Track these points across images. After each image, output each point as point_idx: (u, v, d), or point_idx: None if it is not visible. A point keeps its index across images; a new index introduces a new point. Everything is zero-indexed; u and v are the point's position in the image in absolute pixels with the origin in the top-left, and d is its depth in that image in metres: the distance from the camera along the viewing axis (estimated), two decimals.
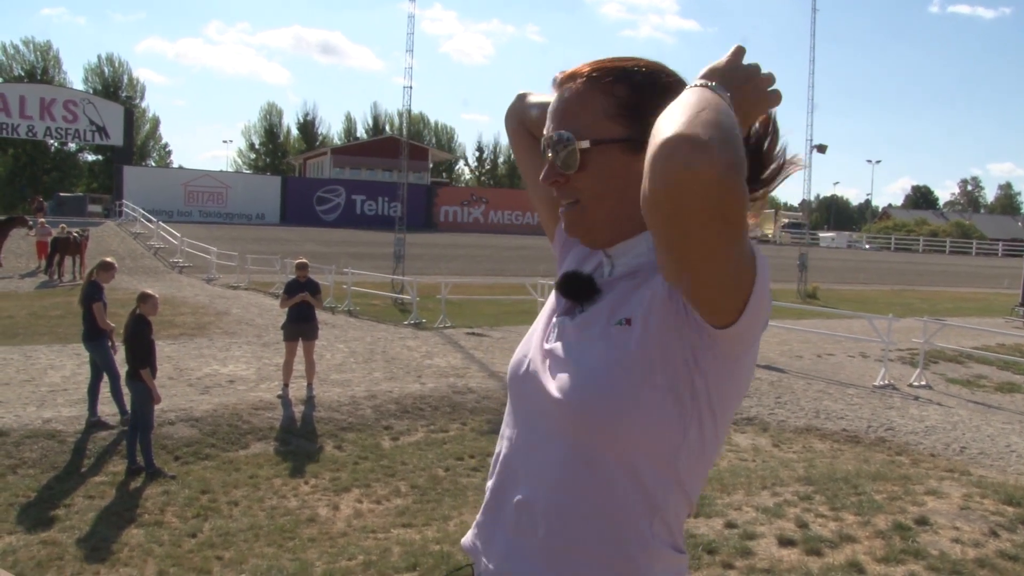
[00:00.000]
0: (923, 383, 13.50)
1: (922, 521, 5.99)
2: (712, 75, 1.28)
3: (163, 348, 12.51)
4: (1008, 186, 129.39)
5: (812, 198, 63.25)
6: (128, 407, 8.84)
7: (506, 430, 1.52)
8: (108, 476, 7.94)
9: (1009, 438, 10.45)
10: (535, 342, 1.50)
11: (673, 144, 1.08)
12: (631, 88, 1.38)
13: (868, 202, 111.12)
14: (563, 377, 1.36)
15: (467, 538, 1.56)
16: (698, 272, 1.18)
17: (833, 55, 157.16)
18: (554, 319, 1.49)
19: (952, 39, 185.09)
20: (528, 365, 1.48)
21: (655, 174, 1.09)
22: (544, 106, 1.63)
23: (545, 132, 1.44)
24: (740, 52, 1.33)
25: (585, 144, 1.36)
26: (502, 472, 1.49)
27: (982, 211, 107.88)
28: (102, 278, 9.33)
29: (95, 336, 9.11)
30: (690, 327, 1.28)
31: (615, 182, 1.38)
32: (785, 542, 5.63)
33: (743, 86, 1.29)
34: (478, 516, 1.55)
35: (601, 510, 1.34)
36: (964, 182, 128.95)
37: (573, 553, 1.36)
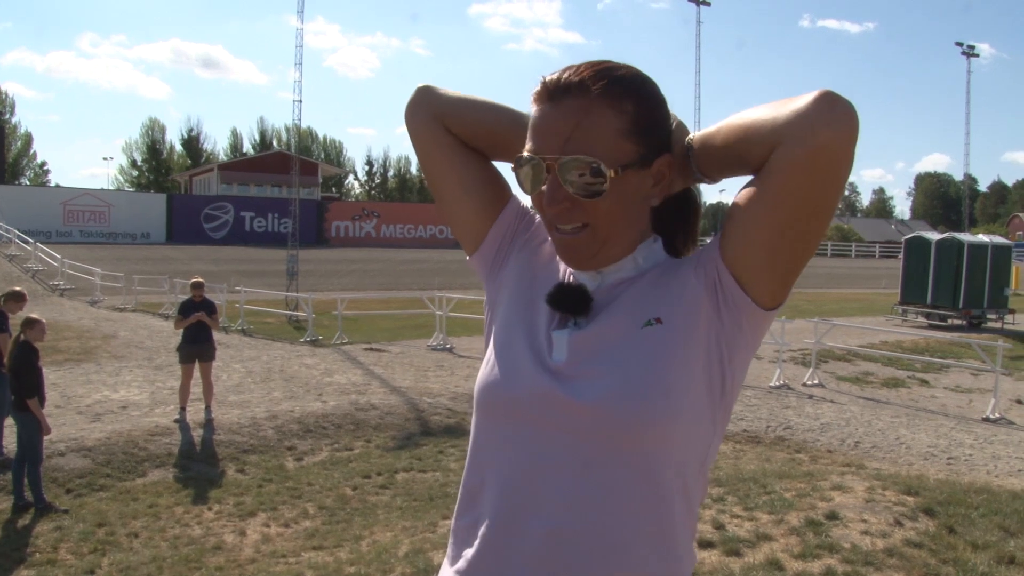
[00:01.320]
0: (816, 382, 13.95)
1: (832, 516, 6.13)
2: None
3: (48, 375, 11.83)
4: (881, 191, 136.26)
5: (701, 204, 64.61)
6: (4, 444, 8.38)
7: (493, 457, 1.38)
8: None
9: (898, 431, 10.88)
10: (526, 358, 1.36)
11: (834, 97, 1.17)
12: (638, 103, 1.32)
13: None
14: (602, 389, 1.28)
15: None
16: (807, 246, 1.27)
17: (714, 67, 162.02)
18: (551, 332, 1.38)
19: (822, 52, 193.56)
20: (529, 384, 1.33)
21: (819, 127, 1.15)
22: (490, 107, 1.55)
23: (534, 149, 1.32)
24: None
25: (612, 173, 1.28)
26: (504, 503, 1.34)
27: (859, 215, 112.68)
28: (9, 308, 8.82)
29: None
30: (729, 323, 1.31)
31: (630, 204, 1.34)
32: (704, 544, 5.67)
33: None
34: (467, 557, 1.37)
35: (656, 522, 1.30)
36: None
37: (630, 573, 1.29)
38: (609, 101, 1.29)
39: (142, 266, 30.81)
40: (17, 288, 9.32)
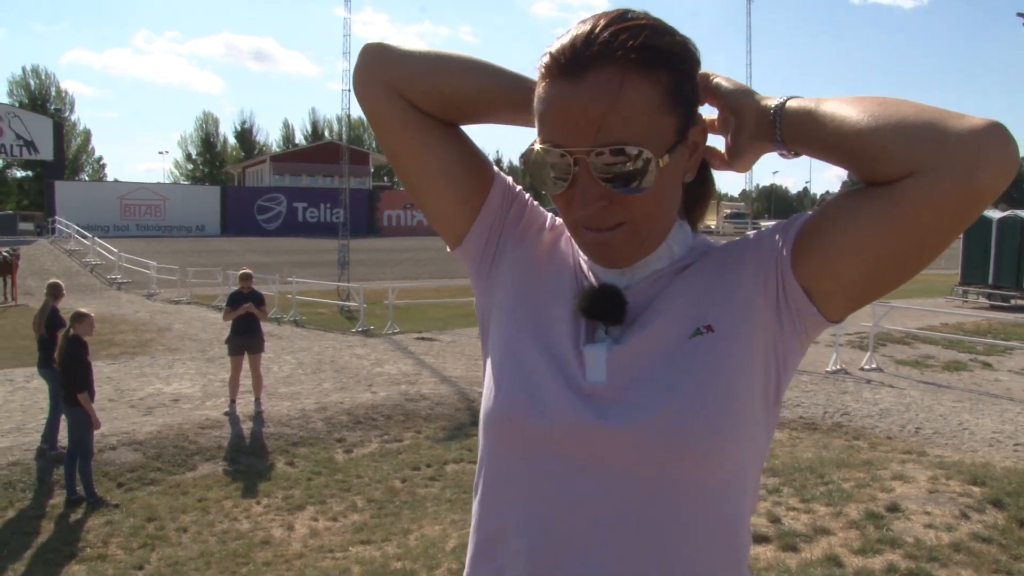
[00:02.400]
0: (874, 366, 13.60)
1: (893, 508, 5.91)
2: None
3: (102, 368, 12.09)
4: None
5: (752, 188, 64.06)
6: (58, 440, 8.47)
7: (518, 496, 1.17)
8: (45, 509, 7.53)
9: (961, 416, 10.52)
10: (552, 379, 1.15)
11: (1007, 135, 0.97)
12: (672, 66, 1.09)
13: (806, 190, 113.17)
14: (654, 415, 1.09)
15: None
16: (905, 278, 1.09)
17: (764, 47, 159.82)
18: (580, 347, 1.17)
19: (875, 29, 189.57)
20: (562, 411, 1.13)
21: (984, 168, 0.96)
22: (458, 66, 1.26)
23: (556, 140, 1.08)
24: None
25: (663, 160, 1.07)
26: (541, 549, 1.14)
27: None
28: (58, 302, 9.06)
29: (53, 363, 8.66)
30: (789, 330, 1.14)
31: (671, 189, 1.14)
32: (759, 539, 5.49)
33: None
34: None
35: (724, 552, 1.14)
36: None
37: None
38: (642, 71, 1.05)
39: (197, 258, 31.25)
40: (55, 280, 9.51)
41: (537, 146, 1.10)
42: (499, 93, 1.24)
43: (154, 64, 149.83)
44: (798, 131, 1.09)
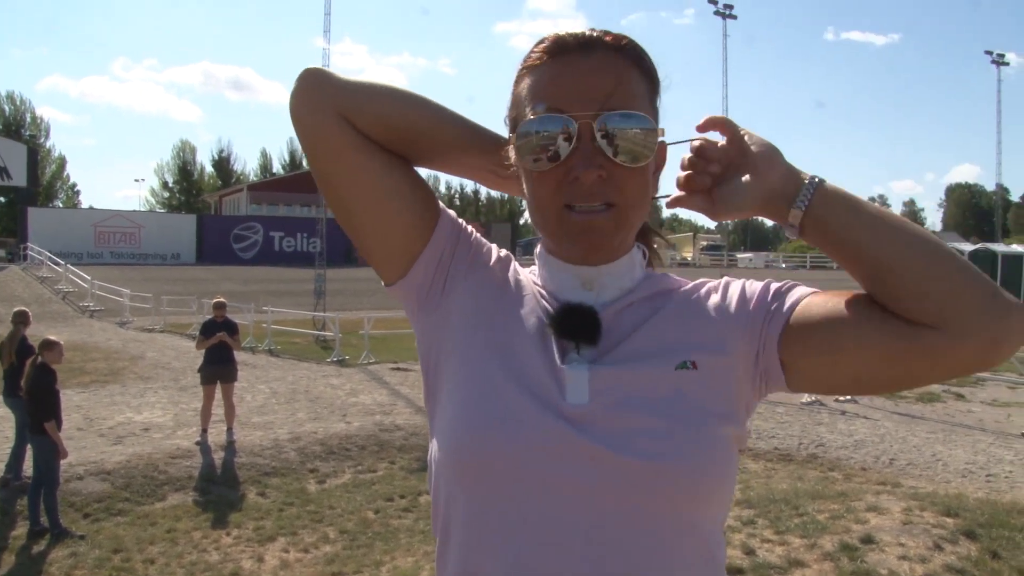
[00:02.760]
0: (848, 397, 13.62)
1: (867, 539, 5.90)
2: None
3: (72, 397, 11.94)
4: (912, 203, 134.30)
5: (728, 221, 64.34)
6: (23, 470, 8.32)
7: (494, 533, 1.11)
8: (7, 540, 7.35)
9: (934, 447, 10.56)
10: (526, 402, 1.10)
11: None
12: (652, 71, 1.20)
13: None
14: (649, 442, 1.07)
15: None
16: (892, 391, 1.27)
17: (740, 81, 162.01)
18: (557, 368, 1.13)
19: (848, 64, 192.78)
20: (541, 433, 1.08)
21: (1003, 344, 1.02)
22: (409, 98, 1.21)
23: (560, 107, 1.10)
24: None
25: (662, 132, 1.15)
26: None
27: None
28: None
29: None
30: (759, 386, 1.19)
31: (648, 186, 1.18)
32: (734, 571, 5.46)
33: None
34: None
35: (702, 573, 1.14)
36: (871, 200, 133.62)
37: None
38: (636, 62, 1.16)
39: (171, 287, 31.00)
40: (22, 308, 9.41)
41: (531, 115, 1.12)
42: (448, 127, 1.24)
43: (132, 92, 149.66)
44: (831, 212, 1.09)
